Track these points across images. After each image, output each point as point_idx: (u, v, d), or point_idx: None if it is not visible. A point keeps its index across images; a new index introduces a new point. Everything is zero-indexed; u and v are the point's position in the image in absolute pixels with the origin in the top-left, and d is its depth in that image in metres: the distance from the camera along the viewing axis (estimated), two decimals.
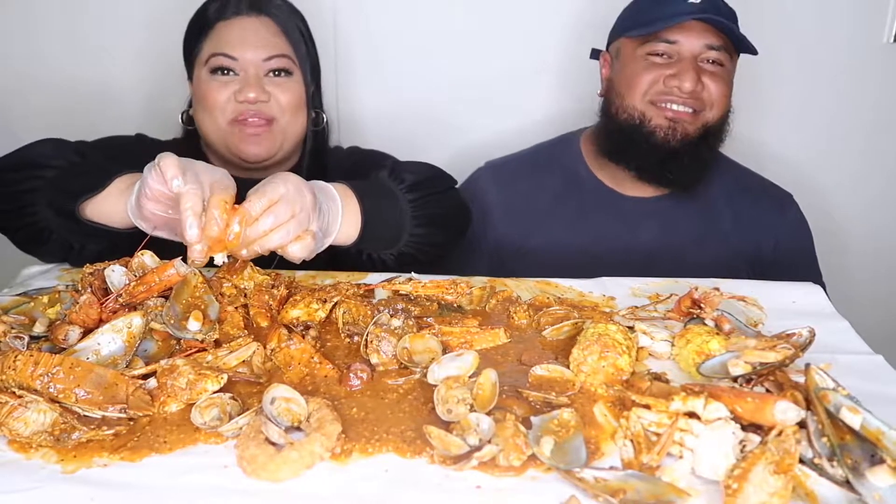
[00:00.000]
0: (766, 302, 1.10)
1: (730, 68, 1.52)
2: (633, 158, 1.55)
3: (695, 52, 1.48)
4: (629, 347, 0.93)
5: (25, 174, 1.20)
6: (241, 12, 1.44)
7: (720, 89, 1.49)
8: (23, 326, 0.98)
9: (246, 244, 0.96)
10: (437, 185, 1.38)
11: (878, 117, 2.05)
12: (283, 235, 0.97)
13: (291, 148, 1.51)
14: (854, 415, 0.74)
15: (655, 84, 1.49)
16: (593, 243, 1.60)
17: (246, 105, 1.41)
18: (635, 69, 1.51)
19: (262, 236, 0.96)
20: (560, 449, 0.77)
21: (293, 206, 0.98)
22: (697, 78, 1.46)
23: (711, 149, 1.54)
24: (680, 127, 1.49)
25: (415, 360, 0.94)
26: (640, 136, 1.51)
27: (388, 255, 1.29)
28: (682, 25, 1.46)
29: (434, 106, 2.04)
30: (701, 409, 0.77)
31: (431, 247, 1.32)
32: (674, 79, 1.47)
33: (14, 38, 1.98)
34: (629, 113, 1.52)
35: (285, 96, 1.44)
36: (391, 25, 1.98)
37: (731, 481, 0.70)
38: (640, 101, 1.51)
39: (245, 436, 0.78)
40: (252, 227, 0.95)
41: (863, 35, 1.98)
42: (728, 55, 1.50)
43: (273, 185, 0.97)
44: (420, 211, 1.28)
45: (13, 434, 0.79)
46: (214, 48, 1.43)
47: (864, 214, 2.14)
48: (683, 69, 1.46)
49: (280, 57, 1.43)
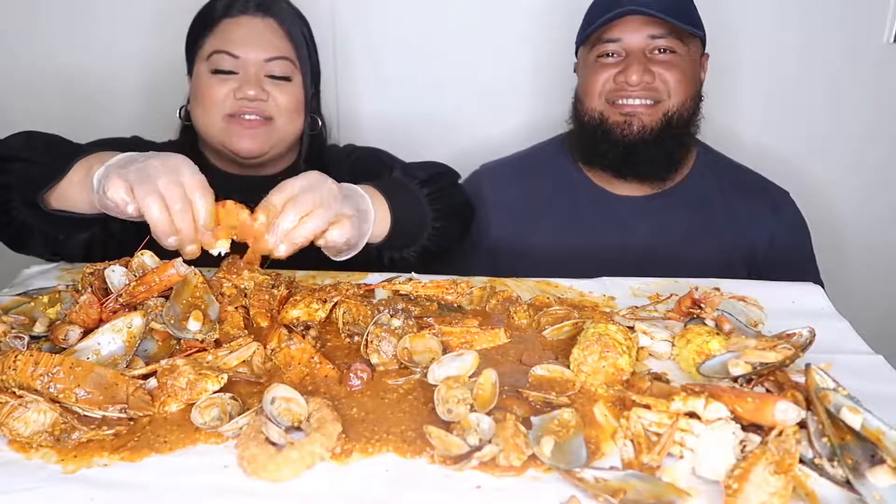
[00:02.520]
0: (766, 302, 1.10)
1: (684, 53, 1.51)
2: (598, 158, 1.59)
3: (640, 45, 1.50)
4: (629, 347, 0.93)
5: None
6: (247, 11, 1.45)
7: (674, 76, 1.50)
8: (23, 326, 0.98)
9: (281, 237, 0.97)
10: (446, 179, 1.42)
11: (877, 117, 2.05)
12: (315, 222, 0.98)
13: (286, 147, 1.51)
14: (854, 415, 0.75)
15: (607, 83, 1.53)
16: (588, 243, 1.62)
17: (244, 102, 1.41)
18: (590, 73, 1.56)
19: (294, 226, 0.97)
20: (560, 449, 0.77)
21: (315, 195, 0.99)
22: (643, 69, 1.48)
23: (678, 137, 1.55)
24: (636, 120, 1.51)
25: (415, 360, 0.94)
26: (600, 134, 1.55)
27: (410, 253, 1.31)
28: (622, 22, 1.49)
29: (432, 106, 2.04)
30: (701, 409, 0.77)
31: (448, 240, 1.36)
32: (622, 74, 1.50)
33: (16, 35, 1.98)
34: (590, 115, 1.57)
35: (284, 98, 1.45)
36: (390, 26, 1.98)
37: (732, 481, 0.70)
38: (598, 103, 1.55)
39: (245, 436, 0.78)
40: (280, 218, 0.97)
41: (863, 35, 1.97)
42: (679, 40, 1.50)
43: (292, 180, 1.00)
44: (437, 204, 1.32)
45: (13, 434, 0.79)
46: (217, 45, 1.43)
47: (863, 214, 2.14)
48: (629, 63, 1.49)
49: (281, 59, 1.44)
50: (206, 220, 0.97)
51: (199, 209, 0.97)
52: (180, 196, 0.95)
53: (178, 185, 0.96)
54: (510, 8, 1.97)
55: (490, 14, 1.97)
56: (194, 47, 1.48)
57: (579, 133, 1.61)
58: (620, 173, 1.59)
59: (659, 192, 1.62)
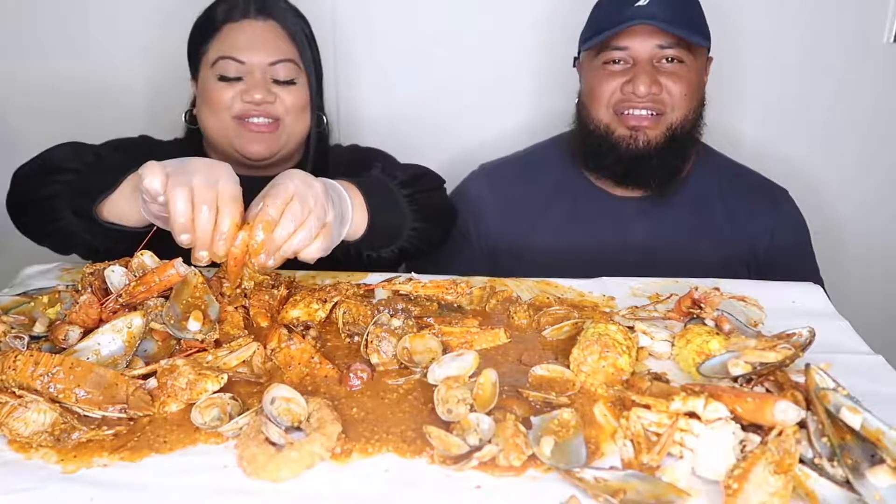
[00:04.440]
0: (766, 302, 1.10)
1: (691, 63, 1.51)
2: (601, 167, 1.60)
3: (648, 54, 1.49)
4: (629, 347, 0.93)
5: (46, 179, 1.20)
6: (248, 15, 1.45)
7: (680, 89, 1.50)
8: (23, 326, 0.98)
9: (273, 251, 0.95)
10: (427, 182, 1.42)
11: (877, 117, 2.05)
12: (306, 234, 0.97)
13: (294, 148, 1.52)
14: (854, 415, 0.74)
15: (615, 93, 1.52)
16: (587, 242, 1.62)
17: (251, 106, 1.42)
18: (595, 80, 1.55)
19: (287, 239, 0.96)
20: (560, 449, 0.77)
21: (307, 201, 0.97)
22: (652, 80, 1.48)
23: (680, 150, 1.56)
24: (642, 135, 1.52)
25: (415, 360, 0.94)
26: (606, 146, 1.55)
27: (388, 252, 1.30)
28: (631, 30, 1.48)
29: (432, 107, 2.04)
30: (701, 409, 0.77)
31: (427, 243, 1.36)
32: (629, 84, 1.50)
33: (15, 35, 1.98)
34: (595, 124, 1.57)
35: (290, 98, 1.45)
36: (390, 26, 1.98)
37: (732, 481, 0.70)
38: (605, 113, 1.55)
39: (245, 436, 0.78)
40: (276, 231, 0.95)
41: (863, 35, 1.97)
42: (687, 50, 1.50)
43: (282, 186, 0.97)
44: (416, 206, 1.31)
45: (13, 434, 0.79)
46: (222, 51, 1.44)
47: (862, 214, 2.14)
48: (637, 73, 1.49)
49: (286, 61, 1.44)
50: (227, 229, 0.94)
51: (224, 216, 0.94)
52: (210, 198, 0.93)
53: (211, 189, 0.94)
54: (510, 8, 1.96)
55: (489, 14, 1.97)
56: (197, 53, 1.48)
57: (585, 140, 1.60)
58: (623, 183, 1.61)
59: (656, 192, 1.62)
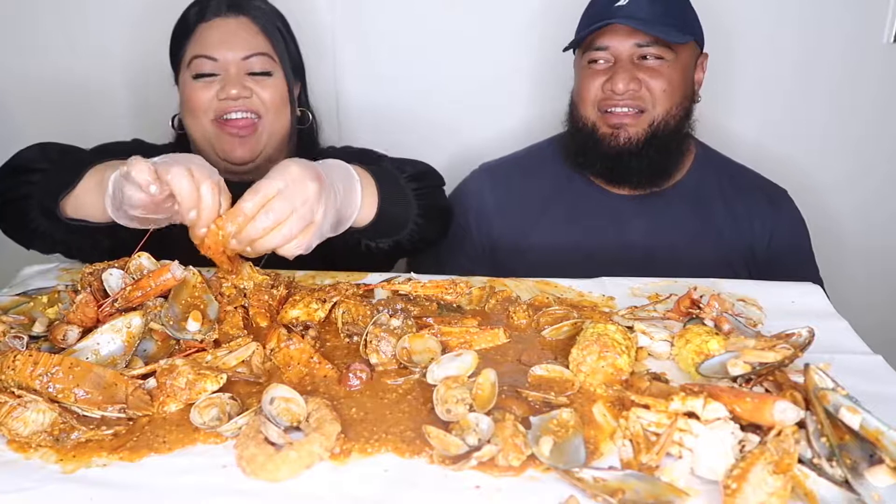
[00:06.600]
0: (765, 302, 1.10)
1: (673, 59, 1.52)
2: (588, 165, 1.62)
3: (627, 53, 1.51)
4: (628, 347, 0.93)
5: (15, 181, 1.20)
6: (220, 13, 1.46)
7: (660, 85, 1.51)
8: (22, 326, 0.98)
9: (246, 243, 0.95)
10: (431, 180, 1.43)
11: (877, 117, 2.05)
12: (284, 234, 0.95)
13: (276, 147, 1.51)
14: (853, 415, 0.75)
15: (598, 92, 1.55)
16: (587, 241, 1.62)
17: (228, 102, 1.42)
18: (582, 79, 1.58)
19: (262, 235, 0.94)
20: (559, 449, 0.77)
21: (292, 200, 0.95)
22: (630, 78, 1.50)
23: (665, 146, 1.56)
24: (622, 132, 1.54)
25: (414, 360, 0.94)
26: (591, 144, 1.58)
27: (387, 242, 1.29)
28: (611, 29, 1.50)
29: (431, 107, 2.04)
30: (700, 409, 0.77)
31: (425, 239, 1.36)
32: (609, 82, 1.52)
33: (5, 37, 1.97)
34: (583, 122, 1.59)
35: (267, 93, 1.45)
36: (389, 26, 1.98)
37: (730, 481, 0.70)
38: (591, 111, 1.57)
39: (244, 436, 0.78)
40: (251, 225, 0.94)
41: (863, 35, 1.97)
42: (667, 47, 1.51)
43: (269, 181, 0.95)
44: (421, 200, 1.32)
45: (12, 434, 0.79)
46: (195, 50, 1.45)
47: (862, 214, 2.14)
48: (615, 71, 1.52)
49: (259, 55, 1.45)
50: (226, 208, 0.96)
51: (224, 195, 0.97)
52: (208, 174, 0.95)
53: (209, 171, 0.96)
54: (509, 8, 1.96)
55: (488, 15, 1.97)
56: (176, 57, 1.50)
57: (573, 138, 1.63)
58: (610, 181, 1.62)
59: (657, 191, 1.62)
